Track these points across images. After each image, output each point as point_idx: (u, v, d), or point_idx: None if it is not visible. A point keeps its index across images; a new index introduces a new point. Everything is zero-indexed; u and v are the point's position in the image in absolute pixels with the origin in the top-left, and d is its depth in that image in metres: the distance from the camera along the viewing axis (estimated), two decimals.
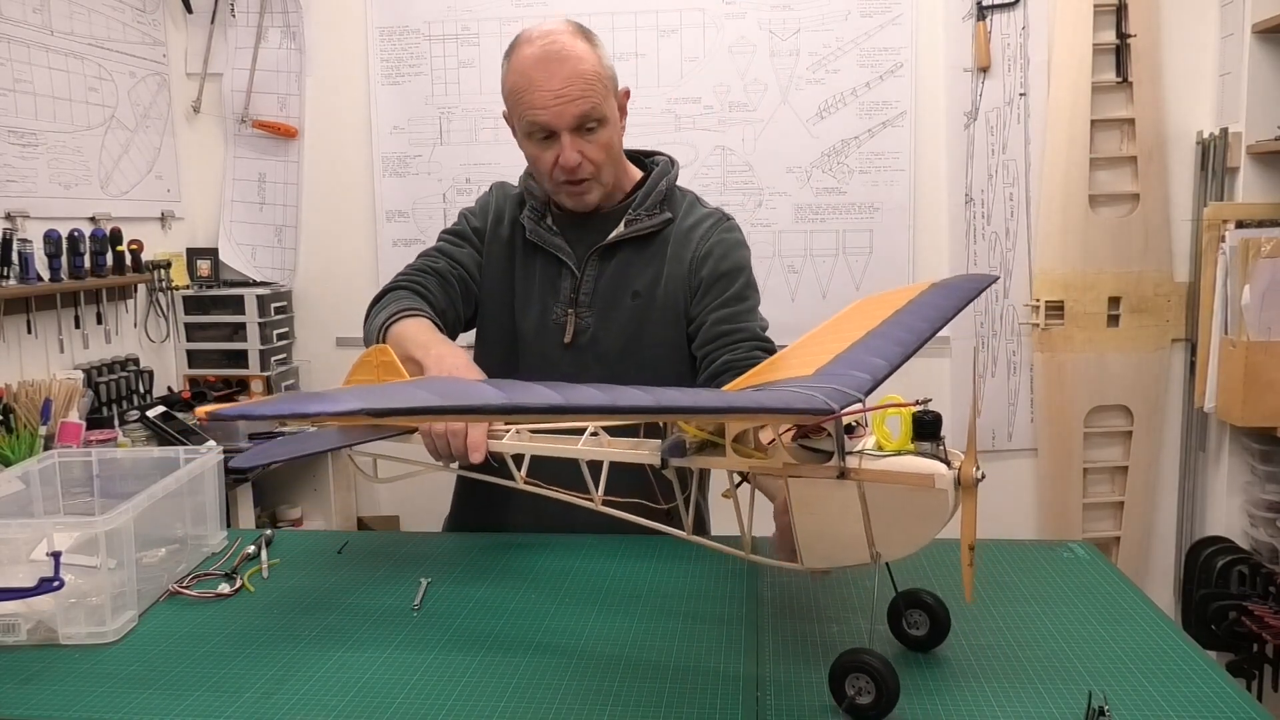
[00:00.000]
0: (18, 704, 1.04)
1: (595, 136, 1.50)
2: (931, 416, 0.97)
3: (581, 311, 1.59)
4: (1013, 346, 3.08)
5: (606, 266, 1.60)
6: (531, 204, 1.63)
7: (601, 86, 1.50)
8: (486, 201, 1.70)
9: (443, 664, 1.11)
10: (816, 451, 1.01)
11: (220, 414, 0.78)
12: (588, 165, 1.51)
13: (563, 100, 1.46)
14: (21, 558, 1.23)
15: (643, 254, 1.59)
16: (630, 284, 1.59)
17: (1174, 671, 1.05)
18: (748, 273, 1.61)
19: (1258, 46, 2.74)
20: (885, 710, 0.95)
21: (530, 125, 1.50)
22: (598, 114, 1.49)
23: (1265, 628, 2.46)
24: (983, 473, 0.96)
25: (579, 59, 1.47)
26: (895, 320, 1.19)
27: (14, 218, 2.47)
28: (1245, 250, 2.64)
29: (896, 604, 1.11)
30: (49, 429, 2.26)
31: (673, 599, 1.28)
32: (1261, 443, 2.76)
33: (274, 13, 3.21)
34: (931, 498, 0.95)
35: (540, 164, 1.53)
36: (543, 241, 1.61)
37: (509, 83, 1.52)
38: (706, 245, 1.59)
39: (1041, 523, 3.10)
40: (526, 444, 1.24)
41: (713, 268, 1.57)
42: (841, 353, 1.09)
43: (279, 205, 3.28)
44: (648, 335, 1.58)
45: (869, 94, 3.02)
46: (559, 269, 1.61)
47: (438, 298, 1.61)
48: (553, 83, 1.46)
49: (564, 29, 1.51)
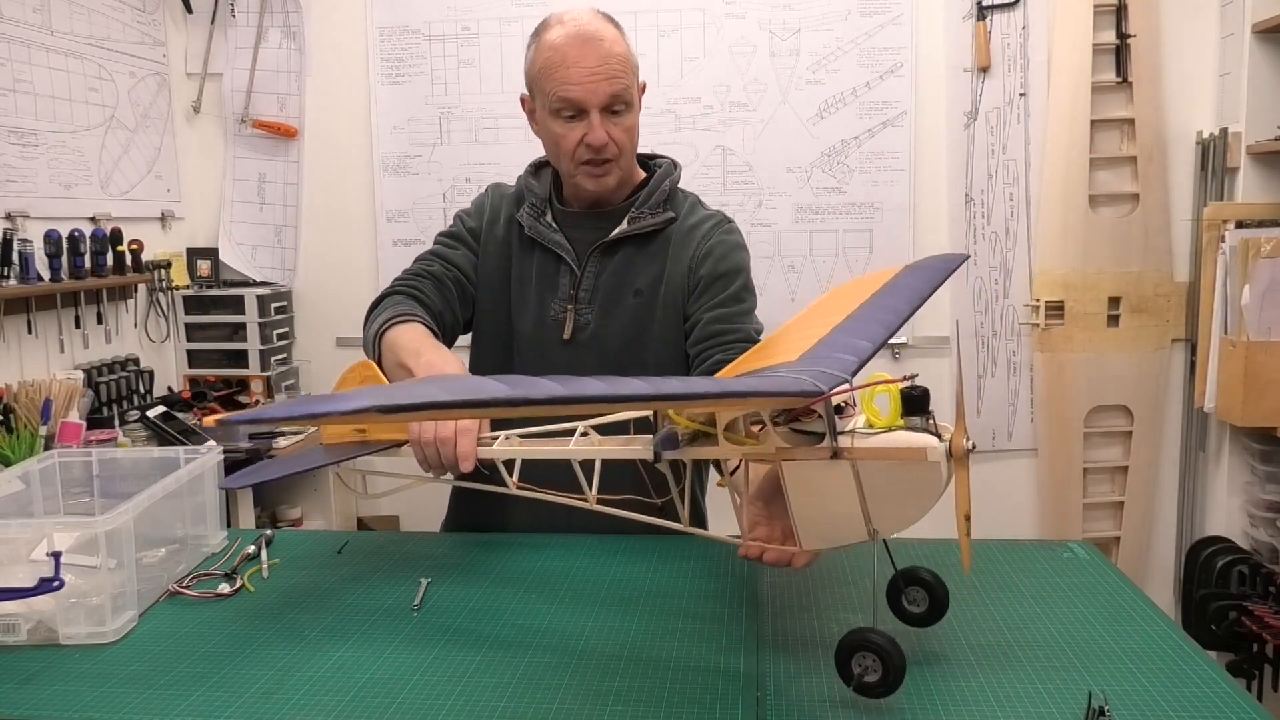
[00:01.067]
0: (18, 704, 1.04)
1: (621, 119, 1.52)
2: (919, 391, 0.99)
3: (581, 308, 1.59)
4: (1013, 346, 3.08)
5: (608, 264, 1.60)
6: (531, 201, 1.63)
7: (631, 72, 1.52)
8: (482, 202, 1.71)
9: (443, 664, 1.11)
10: (808, 434, 1.01)
11: (230, 419, 0.77)
12: (612, 146, 1.52)
13: (597, 78, 1.48)
14: (21, 558, 1.22)
15: (644, 252, 1.60)
16: (633, 282, 1.59)
17: (1174, 671, 1.05)
18: (745, 275, 1.61)
19: (1258, 46, 2.74)
20: (893, 687, 0.95)
21: (561, 101, 1.50)
22: (627, 96, 1.52)
23: (1265, 628, 2.46)
24: (973, 443, 0.97)
25: (613, 40, 1.50)
26: (874, 303, 1.19)
27: (14, 218, 2.47)
28: (1245, 250, 2.64)
29: (896, 582, 1.12)
30: (49, 429, 2.26)
31: (672, 597, 1.28)
32: (1261, 443, 2.76)
33: (274, 13, 3.21)
34: (925, 471, 0.96)
35: (565, 142, 1.53)
36: (541, 238, 1.61)
37: (540, 60, 1.52)
38: (707, 245, 1.60)
39: (1041, 523, 3.10)
40: (517, 449, 1.23)
41: (711, 267, 1.58)
42: (824, 336, 1.09)
43: (279, 205, 3.28)
44: (649, 333, 1.59)
45: (869, 94, 3.02)
46: (557, 265, 1.61)
47: (434, 301, 1.61)
48: (587, 60, 1.47)
49: (594, 14, 1.54)
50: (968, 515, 0.96)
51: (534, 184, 1.64)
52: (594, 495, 1.18)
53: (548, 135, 1.56)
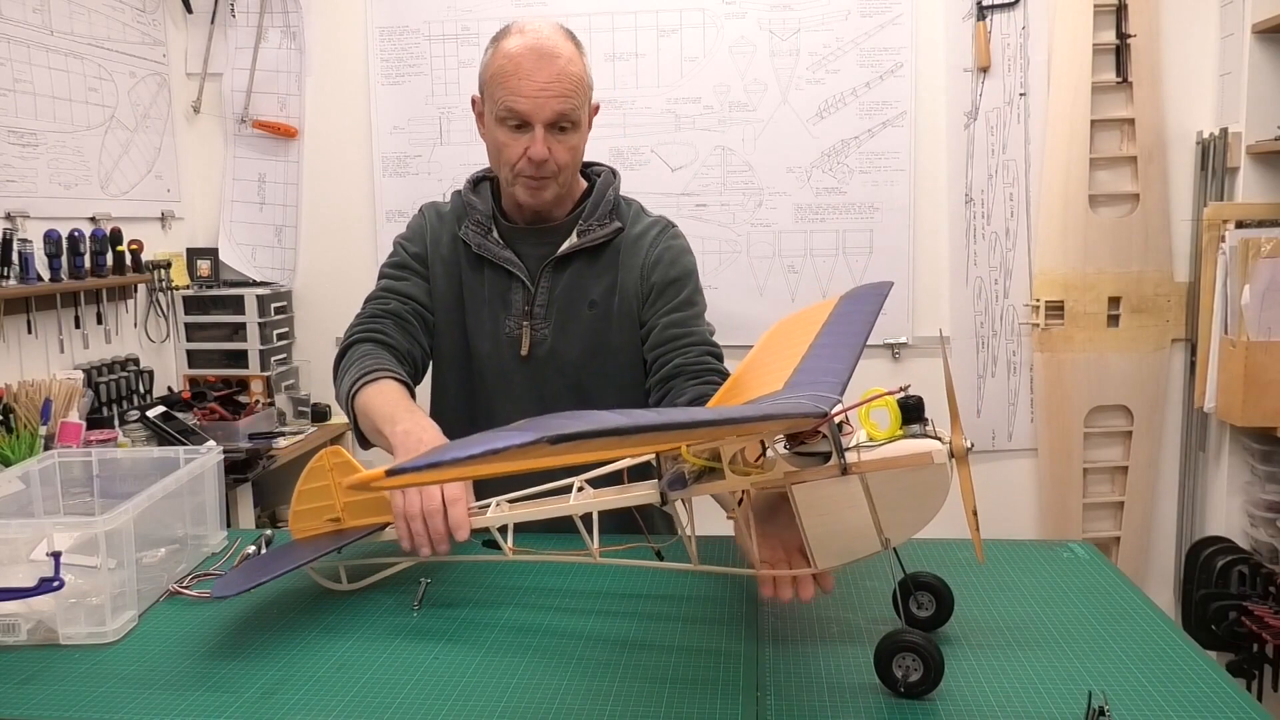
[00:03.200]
0: (18, 704, 1.04)
1: (566, 138, 1.52)
2: (915, 400, 1.03)
3: (537, 324, 1.59)
4: (1013, 346, 3.08)
5: (560, 278, 1.60)
6: (476, 218, 1.62)
7: (582, 93, 1.52)
8: (420, 226, 1.68)
9: (443, 664, 1.11)
10: (811, 455, 1.03)
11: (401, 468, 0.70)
12: (552, 164, 1.52)
13: (546, 94, 1.47)
14: (21, 558, 1.22)
15: (595, 264, 1.61)
16: (586, 294, 1.60)
17: (1174, 671, 1.05)
18: (695, 279, 1.63)
19: (1258, 46, 2.74)
20: (935, 682, 0.98)
21: (507, 111, 1.49)
22: (575, 116, 1.51)
23: (1265, 628, 2.46)
24: (971, 442, 1.01)
25: (568, 60, 1.50)
26: (830, 330, 1.24)
27: (14, 218, 2.47)
28: (1245, 250, 2.64)
29: (905, 587, 1.14)
30: (49, 429, 2.26)
31: (672, 600, 1.28)
32: (1261, 443, 2.76)
33: (274, 13, 3.21)
34: (932, 474, 0.99)
35: (507, 151, 1.52)
36: (491, 255, 1.60)
37: (493, 66, 1.51)
38: (655, 253, 1.61)
39: (1041, 523, 3.10)
40: (509, 514, 1.21)
41: (663, 274, 1.60)
42: (798, 365, 1.12)
43: (279, 205, 3.28)
44: (607, 344, 1.60)
45: (869, 94, 3.02)
46: (509, 282, 1.60)
47: (399, 342, 1.58)
48: (539, 75, 1.47)
49: (556, 29, 1.53)
50: (974, 510, 1.00)
51: (475, 200, 1.63)
52: (596, 548, 1.18)
53: (492, 141, 1.56)
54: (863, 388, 1.05)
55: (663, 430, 0.82)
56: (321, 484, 1.33)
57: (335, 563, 1.34)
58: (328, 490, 1.33)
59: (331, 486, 1.32)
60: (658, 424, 0.81)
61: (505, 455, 0.69)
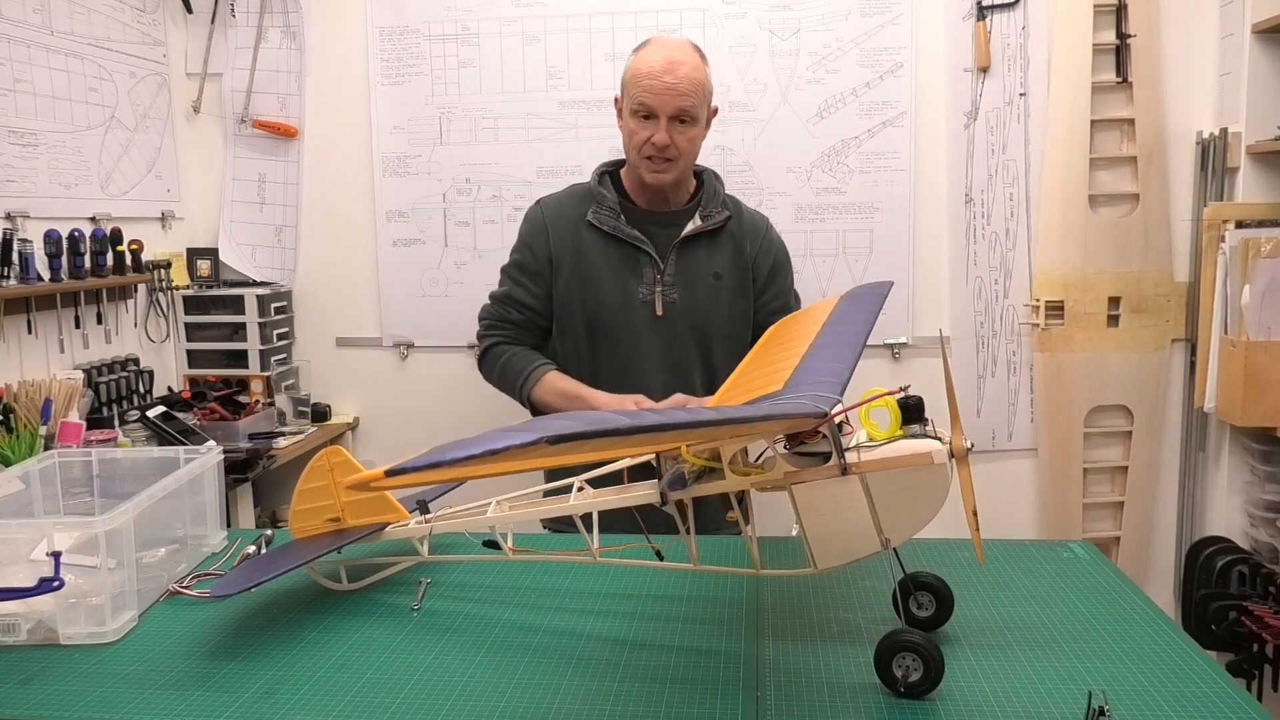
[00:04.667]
0: (18, 704, 1.04)
1: (685, 130, 1.91)
2: (914, 400, 1.03)
3: (668, 290, 1.96)
4: (1013, 346, 3.08)
5: (687, 254, 1.98)
6: (607, 204, 1.97)
7: (703, 95, 1.92)
8: (540, 220, 2.02)
9: (443, 664, 1.11)
10: (811, 455, 1.03)
11: (401, 468, 0.70)
12: (673, 148, 1.90)
13: (671, 92, 1.86)
14: (21, 558, 1.23)
15: (714, 244, 2.01)
16: (711, 267, 1.99)
17: (1174, 671, 1.05)
18: (789, 266, 2.12)
19: (1258, 46, 2.74)
20: (936, 682, 0.98)
21: (638, 104, 1.89)
22: (693, 112, 1.90)
23: (1265, 628, 2.46)
24: (971, 442, 1.01)
25: (695, 67, 1.90)
26: (830, 330, 1.26)
27: (14, 218, 2.47)
28: (1245, 250, 2.64)
29: (905, 587, 1.13)
30: (49, 429, 2.26)
31: (672, 600, 1.28)
32: (1261, 443, 2.76)
33: (274, 13, 3.21)
34: (932, 474, 0.99)
35: (635, 137, 1.91)
36: (622, 234, 1.96)
37: (632, 68, 1.91)
38: (764, 243, 2.06)
39: (1041, 523, 3.10)
40: (510, 514, 1.22)
41: (771, 262, 2.05)
42: (798, 365, 1.12)
43: (279, 205, 3.28)
44: (729, 310, 1.99)
45: (869, 94, 3.02)
46: (637, 256, 1.97)
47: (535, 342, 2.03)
48: (668, 76, 1.86)
49: (685, 43, 1.95)
50: (974, 510, 1.00)
51: (603, 191, 1.99)
52: (596, 547, 1.18)
53: (626, 130, 1.95)
54: (863, 388, 1.05)
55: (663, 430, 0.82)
56: (321, 484, 1.33)
57: (335, 563, 1.34)
58: (328, 490, 1.33)
59: (331, 486, 1.32)
60: (658, 424, 0.81)
61: (505, 455, 0.69)
